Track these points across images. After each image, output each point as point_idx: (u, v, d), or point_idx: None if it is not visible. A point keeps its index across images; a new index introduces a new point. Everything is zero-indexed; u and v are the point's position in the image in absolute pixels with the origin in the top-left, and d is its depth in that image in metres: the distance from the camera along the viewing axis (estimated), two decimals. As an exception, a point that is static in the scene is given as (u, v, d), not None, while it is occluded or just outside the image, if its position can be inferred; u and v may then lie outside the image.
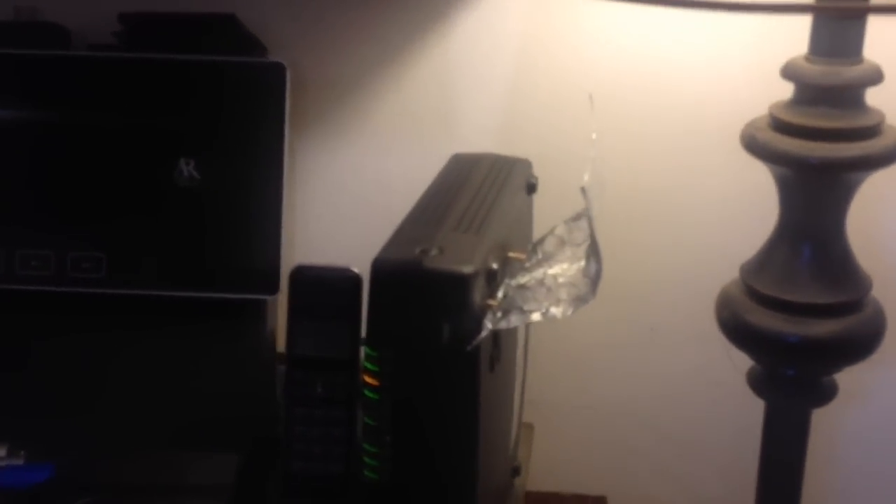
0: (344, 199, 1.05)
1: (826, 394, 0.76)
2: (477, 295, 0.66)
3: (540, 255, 0.74)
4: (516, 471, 0.92)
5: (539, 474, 1.05)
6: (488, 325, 0.65)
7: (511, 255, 0.75)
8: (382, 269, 0.67)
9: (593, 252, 0.62)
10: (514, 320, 0.63)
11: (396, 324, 0.67)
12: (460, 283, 0.65)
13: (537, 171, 0.90)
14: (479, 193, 0.78)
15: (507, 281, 0.70)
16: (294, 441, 0.87)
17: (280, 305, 0.98)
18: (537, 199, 0.90)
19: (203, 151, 0.94)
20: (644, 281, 1.02)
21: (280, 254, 0.95)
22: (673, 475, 1.11)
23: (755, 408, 0.86)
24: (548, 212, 0.81)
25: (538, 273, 0.70)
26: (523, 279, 0.70)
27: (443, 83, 1.00)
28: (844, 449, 1.05)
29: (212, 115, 0.94)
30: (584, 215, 0.68)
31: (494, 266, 0.70)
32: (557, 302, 0.63)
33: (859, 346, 0.73)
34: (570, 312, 0.62)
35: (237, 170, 0.94)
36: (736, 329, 0.75)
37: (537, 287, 0.67)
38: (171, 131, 0.94)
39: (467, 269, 0.66)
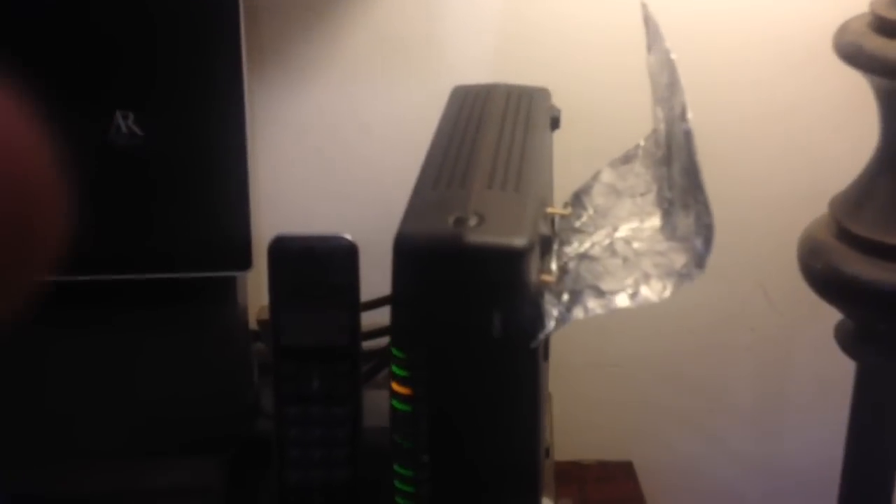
0: (315, 150, 0.89)
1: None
2: (533, 272, 0.51)
3: (591, 210, 0.60)
4: (546, 452, 0.79)
5: (557, 443, 0.92)
6: (553, 312, 0.50)
7: (551, 210, 0.60)
8: (409, 248, 0.51)
9: (697, 204, 0.47)
10: (593, 306, 0.49)
11: (431, 317, 0.52)
12: (513, 260, 0.50)
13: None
14: (504, 136, 0.63)
15: (560, 248, 0.55)
16: (289, 447, 0.72)
17: (252, 283, 0.82)
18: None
19: (143, 101, 0.76)
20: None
21: (250, 220, 0.78)
22: (703, 432, 1.00)
23: (791, 351, 0.74)
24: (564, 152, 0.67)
25: (601, 236, 0.55)
26: (583, 245, 0.55)
27: (427, 2, 0.83)
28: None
29: (150, 56, 0.76)
30: (657, 152, 0.53)
31: (545, 231, 0.55)
32: (646, 278, 0.49)
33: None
34: (667, 293, 0.47)
35: (187, 122, 0.77)
36: (826, 279, 0.61)
37: (607, 257, 0.53)
38: (101, 78, 0.76)
39: (519, 240, 0.51)
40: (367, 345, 0.72)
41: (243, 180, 0.78)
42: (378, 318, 0.79)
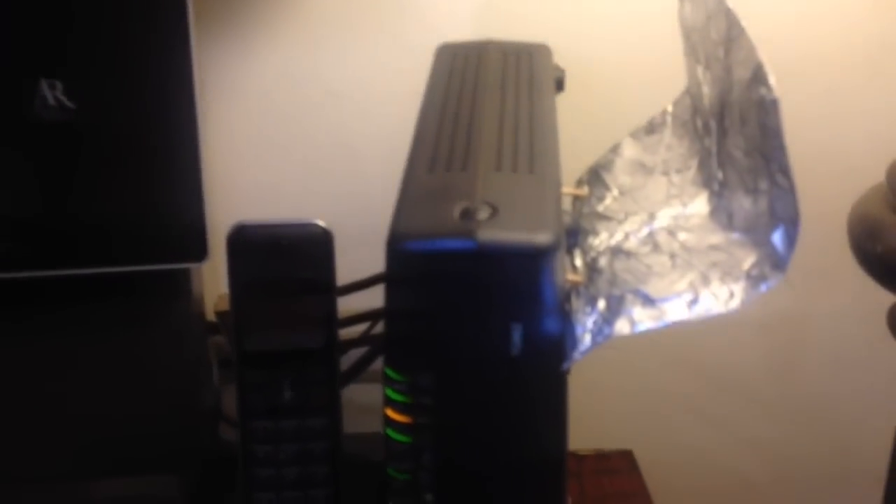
0: (277, 121, 0.78)
1: None
2: (559, 275, 0.41)
3: (615, 191, 0.50)
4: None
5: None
6: (588, 323, 0.41)
7: (565, 190, 0.50)
8: (407, 249, 0.41)
9: (777, 189, 0.37)
10: (641, 317, 0.39)
11: (437, 333, 0.42)
12: (537, 261, 0.41)
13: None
14: (507, 103, 0.53)
15: (585, 239, 0.46)
16: (258, 466, 0.62)
17: (208, 268, 0.72)
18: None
19: (72, 69, 0.65)
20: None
21: (204, 204, 0.68)
22: (708, 417, 0.92)
23: (804, 329, 0.65)
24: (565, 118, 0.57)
25: (635, 224, 0.45)
26: (615, 236, 0.45)
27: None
28: None
29: (80, 16, 0.64)
30: (694, 120, 0.43)
31: (567, 220, 0.45)
32: (705, 281, 0.39)
33: None
34: (736, 303, 0.38)
35: (127, 92, 0.65)
36: (889, 263, 0.52)
37: (648, 252, 0.43)
38: (20, 40, 0.64)
39: (543, 236, 0.41)
40: (342, 333, 0.63)
41: (194, 158, 0.67)
42: (354, 302, 0.69)
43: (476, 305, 0.41)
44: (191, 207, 0.67)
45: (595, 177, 0.52)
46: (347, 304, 0.62)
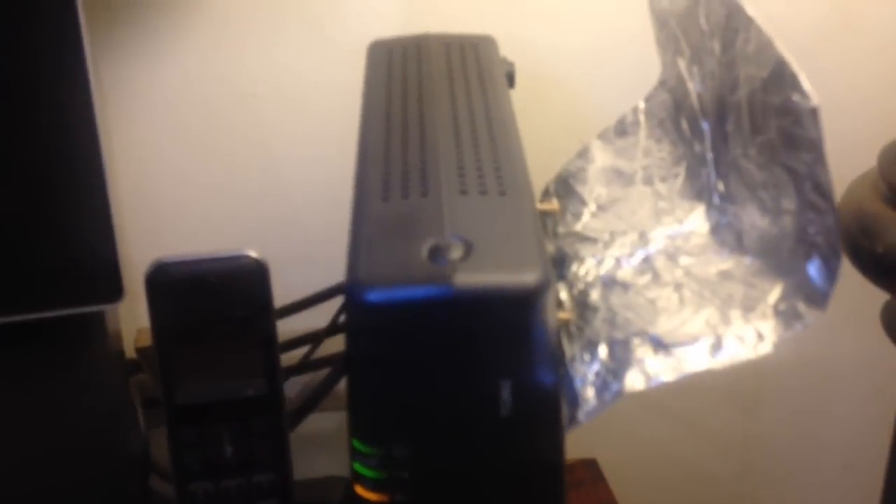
0: (184, 129, 0.70)
1: None
2: (551, 317, 0.35)
3: (592, 205, 0.44)
4: None
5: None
6: (588, 375, 0.35)
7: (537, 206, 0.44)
8: (370, 301, 0.34)
9: (810, 212, 0.31)
10: (656, 370, 0.33)
11: (411, 397, 0.35)
12: (527, 304, 0.34)
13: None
14: (458, 104, 0.46)
15: (569, 266, 0.40)
16: (200, 533, 0.55)
17: (124, 307, 0.64)
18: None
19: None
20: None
21: (115, 238, 0.59)
22: (670, 414, 0.88)
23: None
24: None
25: (624, 247, 0.39)
26: (604, 263, 0.39)
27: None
28: None
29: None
30: (674, 119, 0.37)
31: (550, 248, 0.39)
32: (725, 320, 0.33)
33: None
34: (768, 347, 0.32)
35: (19, 118, 0.57)
36: (882, 260, 0.47)
37: (647, 282, 0.37)
38: None
39: (530, 276, 0.34)
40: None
41: (100, 185, 0.58)
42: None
43: (456, 361, 0.35)
44: (101, 243, 0.59)
45: (565, 188, 0.45)
46: (282, 327, 0.56)
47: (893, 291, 0.49)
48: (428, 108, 0.46)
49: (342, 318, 0.62)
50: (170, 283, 0.51)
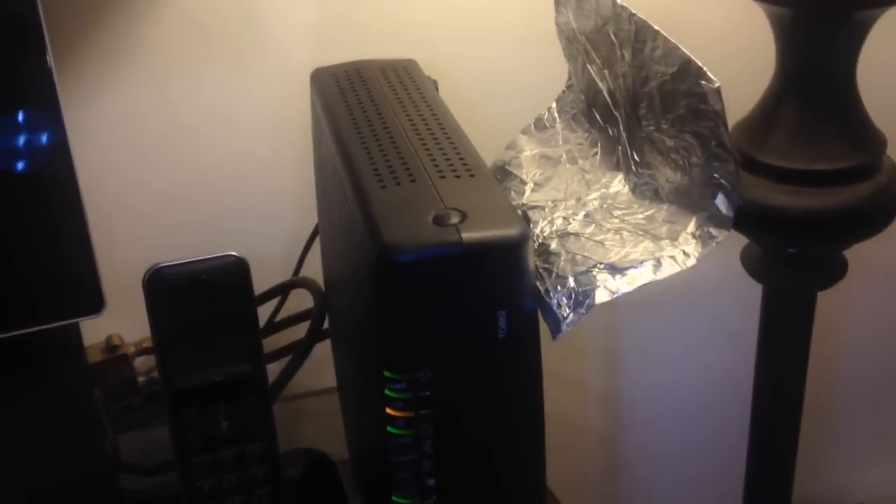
0: (128, 162, 0.78)
1: (834, 273, 0.66)
2: (531, 261, 0.47)
3: (530, 183, 0.56)
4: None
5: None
6: (562, 300, 0.47)
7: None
8: (400, 262, 0.45)
9: (714, 162, 0.44)
10: (616, 285, 0.45)
11: (433, 332, 0.46)
12: (515, 251, 0.46)
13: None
14: (413, 116, 0.57)
15: (533, 231, 0.52)
16: (204, 500, 0.64)
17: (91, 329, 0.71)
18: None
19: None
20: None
21: (93, 248, 0.65)
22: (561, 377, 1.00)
23: None
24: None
25: (567, 210, 0.52)
26: (555, 223, 0.51)
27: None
28: (848, 333, 0.98)
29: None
30: (588, 113, 0.50)
31: (521, 212, 0.51)
32: (659, 247, 0.46)
33: (874, 216, 0.63)
34: (692, 261, 0.45)
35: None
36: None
37: (594, 232, 0.50)
38: None
39: (516, 230, 0.46)
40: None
41: (75, 200, 0.64)
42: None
43: (466, 301, 0.46)
44: (80, 256, 0.65)
45: (503, 173, 0.58)
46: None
47: (743, 232, 0.63)
48: (388, 119, 0.57)
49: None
50: (166, 283, 0.60)
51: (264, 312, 0.78)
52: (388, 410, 0.48)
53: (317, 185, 0.68)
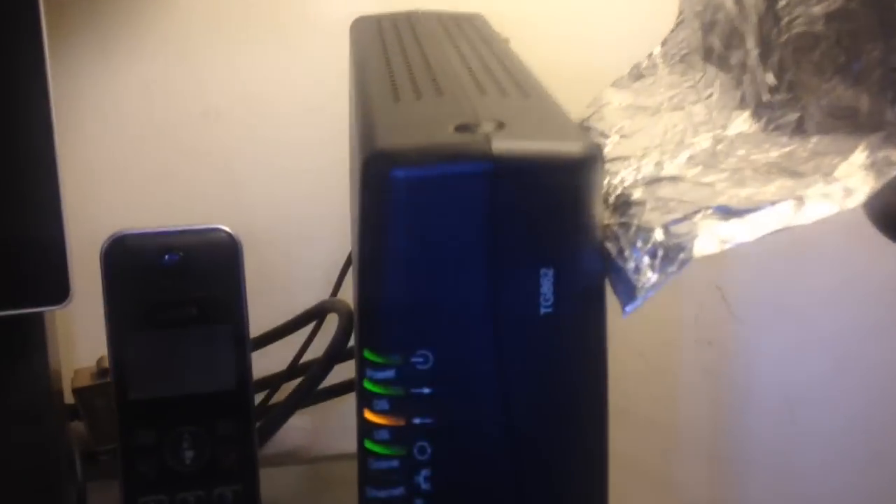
0: (147, 145, 0.65)
1: None
2: (599, 199, 0.30)
3: (615, 136, 0.40)
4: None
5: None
6: (644, 261, 0.30)
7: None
8: (395, 178, 0.29)
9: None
10: (729, 233, 0.28)
11: (437, 293, 0.30)
12: (572, 176, 0.30)
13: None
14: (465, 51, 0.42)
15: (610, 182, 0.35)
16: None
17: (63, 346, 0.58)
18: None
19: None
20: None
21: (65, 233, 0.53)
22: (656, 479, 0.82)
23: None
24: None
25: (665, 154, 0.35)
26: (643, 169, 0.35)
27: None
28: None
29: None
30: (703, 52, 0.34)
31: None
32: (803, 184, 0.29)
33: None
34: (859, 199, 0.28)
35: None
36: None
37: (698, 173, 0.33)
38: None
39: (574, 145, 0.30)
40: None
41: (52, 183, 0.52)
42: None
43: (491, 247, 0.30)
44: (49, 236, 0.52)
45: (583, 130, 0.41)
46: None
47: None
48: (431, 50, 0.42)
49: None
50: (129, 257, 0.46)
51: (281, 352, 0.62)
52: (367, 414, 0.31)
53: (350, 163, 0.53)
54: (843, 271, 0.76)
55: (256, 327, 0.59)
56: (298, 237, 0.67)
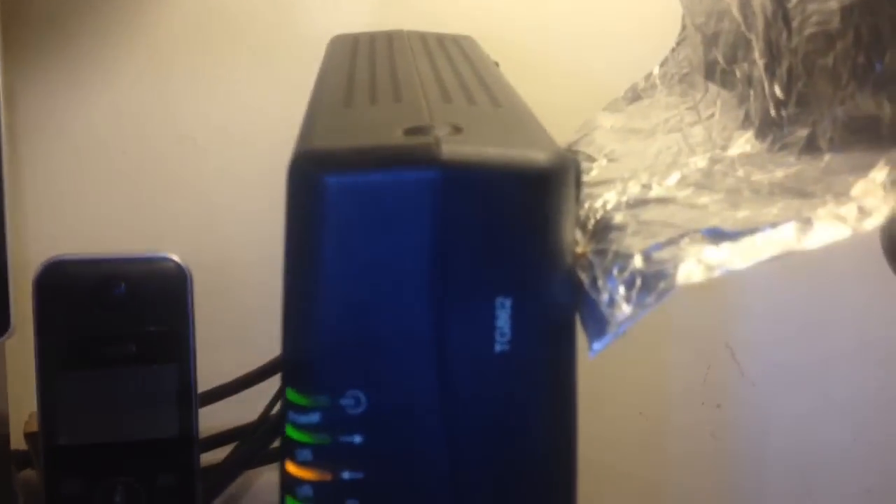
0: (116, 175, 0.61)
1: None
2: (570, 218, 0.26)
3: (602, 160, 0.35)
4: None
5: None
6: (619, 291, 0.25)
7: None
8: (327, 180, 0.25)
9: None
10: (719, 259, 0.24)
11: (371, 322, 0.25)
12: (539, 188, 0.25)
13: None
14: (441, 66, 0.38)
15: (582, 208, 0.30)
16: None
17: (13, 389, 0.53)
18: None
19: None
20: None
21: (7, 261, 0.49)
22: None
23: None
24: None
25: (655, 176, 0.30)
26: (628, 191, 0.30)
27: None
28: None
29: None
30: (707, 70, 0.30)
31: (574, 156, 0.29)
32: (810, 205, 0.24)
33: None
34: (878, 220, 0.23)
35: None
36: None
37: (690, 194, 0.28)
38: None
39: (543, 154, 0.25)
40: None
41: None
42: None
43: (437, 271, 0.25)
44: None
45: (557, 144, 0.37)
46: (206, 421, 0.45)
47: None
48: (402, 61, 0.38)
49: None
50: (64, 284, 0.41)
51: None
52: (288, 466, 0.26)
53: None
54: (863, 332, 0.70)
55: (231, 371, 0.54)
56: (279, 274, 0.63)
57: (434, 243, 0.25)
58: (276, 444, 0.47)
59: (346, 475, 0.26)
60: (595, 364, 0.28)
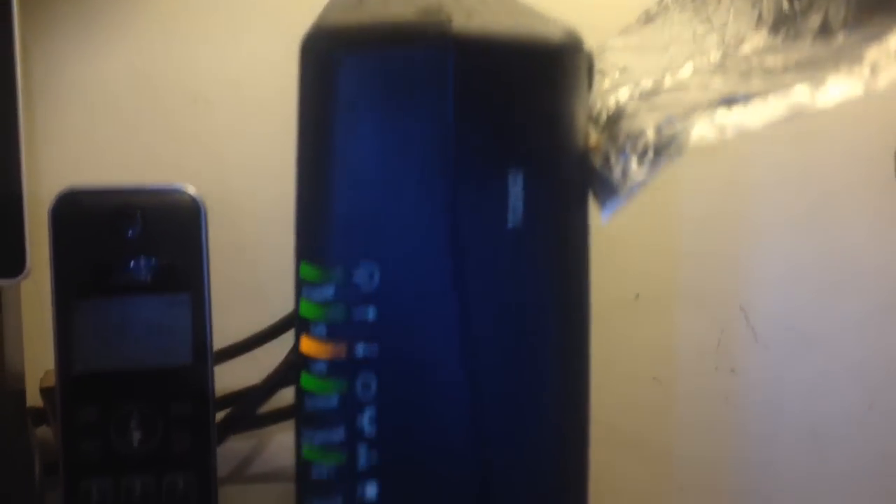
0: (128, 137, 0.61)
1: None
2: (584, 97, 0.26)
3: (615, 73, 0.35)
4: None
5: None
6: (632, 162, 0.25)
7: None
8: (338, 54, 0.25)
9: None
10: (739, 119, 0.24)
11: (383, 195, 0.25)
12: (550, 61, 0.25)
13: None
14: None
15: (595, 108, 0.30)
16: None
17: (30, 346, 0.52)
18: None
19: None
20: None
21: (23, 202, 0.49)
22: None
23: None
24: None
25: (668, 70, 0.31)
26: (641, 85, 0.30)
27: None
28: None
29: None
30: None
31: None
32: (822, 71, 0.24)
33: None
34: (886, 80, 0.23)
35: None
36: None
37: (702, 80, 0.28)
38: None
39: (556, 31, 0.25)
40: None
41: (14, 159, 0.48)
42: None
43: (450, 145, 0.25)
44: (4, 205, 0.48)
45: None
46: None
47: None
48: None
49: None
50: (79, 215, 0.41)
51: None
52: (303, 343, 0.26)
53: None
54: (878, 295, 0.70)
55: (247, 328, 0.55)
56: (291, 232, 0.63)
57: (447, 118, 0.25)
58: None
59: (359, 350, 0.26)
60: (608, 329, 0.28)
